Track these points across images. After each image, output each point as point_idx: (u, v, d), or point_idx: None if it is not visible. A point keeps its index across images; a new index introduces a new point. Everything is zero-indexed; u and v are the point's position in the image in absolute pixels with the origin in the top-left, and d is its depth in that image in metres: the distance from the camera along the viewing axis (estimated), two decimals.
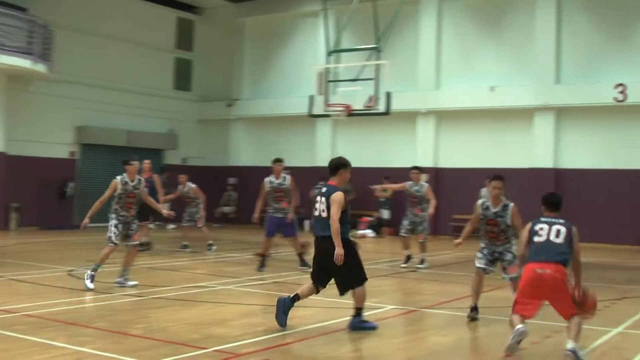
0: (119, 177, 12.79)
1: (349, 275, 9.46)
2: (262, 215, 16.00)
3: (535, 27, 26.55)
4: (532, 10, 26.68)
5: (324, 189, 9.65)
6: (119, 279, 12.83)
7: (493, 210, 10.66)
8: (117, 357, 7.65)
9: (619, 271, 17.69)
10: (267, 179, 15.83)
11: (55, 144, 28.03)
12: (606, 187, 25.26)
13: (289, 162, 30.75)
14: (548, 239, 8.60)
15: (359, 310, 9.49)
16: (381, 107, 21.55)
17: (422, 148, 28.31)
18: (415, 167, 17.70)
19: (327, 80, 22.88)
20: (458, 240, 11.12)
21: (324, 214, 9.44)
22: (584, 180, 25.48)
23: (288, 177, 15.95)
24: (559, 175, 25.85)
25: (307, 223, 29.51)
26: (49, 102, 27.50)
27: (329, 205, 9.37)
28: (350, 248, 9.46)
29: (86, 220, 12.87)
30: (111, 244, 12.70)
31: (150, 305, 11.10)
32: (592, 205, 25.43)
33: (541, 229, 8.75)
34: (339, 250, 9.13)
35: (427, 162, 27.66)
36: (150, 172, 18.85)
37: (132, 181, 12.87)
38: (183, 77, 33.51)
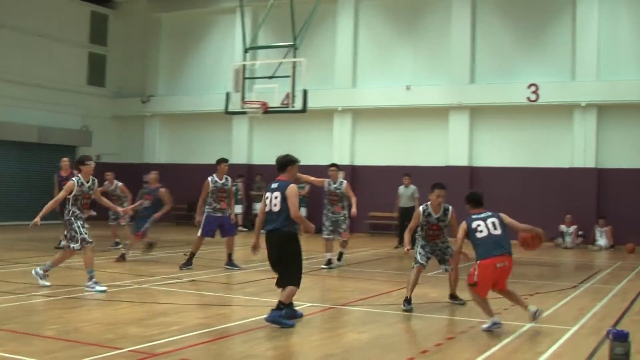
0: (74, 179, 12.35)
1: (293, 270, 9.69)
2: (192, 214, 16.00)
3: (451, 28, 26.94)
4: (447, 11, 27.06)
5: (275, 185, 9.82)
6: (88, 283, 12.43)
7: (435, 216, 11.68)
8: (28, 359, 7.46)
9: (530, 267, 18.05)
10: (210, 179, 15.73)
11: None
12: (519, 185, 25.82)
13: (206, 159, 30.65)
14: (490, 233, 9.91)
15: (282, 305, 9.53)
16: (298, 105, 21.54)
17: (339, 146, 28.44)
18: (333, 165, 17.48)
19: (244, 77, 22.76)
20: (408, 247, 11.62)
21: (276, 208, 9.59)
22: (498, 178, 25.99)
23: (229, 179, 16.05)
24: (473, 173, 26.31)
25: None
26: None
27: (283, 199, 9.55)
28: (298, 244, 9.72)
29: (37, 219, 12.40)
30: (88, 244, 12.23)
31: (64, 306, 10.86)
32: (505, 202, 25.81)
33: (479, 225, 10.02)
34: (308, 227, 9.89)
35: (343, 159, 27.80)
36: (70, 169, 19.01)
37: (88, 182, 12.48)
38: (97, 72, 32.90)
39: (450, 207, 11.63)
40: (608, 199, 24.74)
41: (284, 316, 9.53)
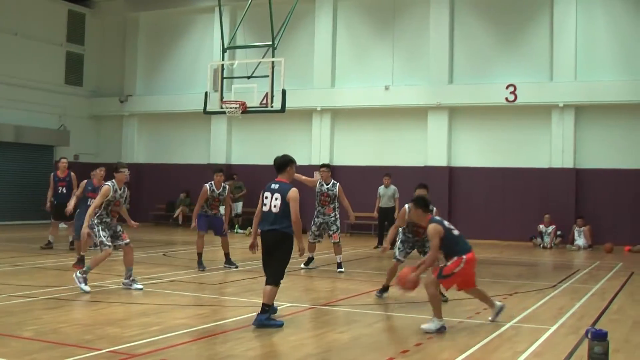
0: (109, 183, 12.40)
1: (277, 269, 9.75)
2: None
3: (429, 29, 27.02)
4: (425, 11, 27.13)
5: (275, 186, 9.83)
6: (125, 281, 12.64)
7: None
8: None
9: (508, 267, 18.15)
10: (208, 186, 15.91)
11: None
12: (497, 185, 25.95)
13: (184, 159, 30.61)
14: (459, 232, 9.96)
15: (266, 307, 9.57)
16: (277, 105, 21.48)
17: (318, 146, 28.43)
18: (325, 165, 17.14)
19: (222, 77, 22.68)
20: (385, 246, 12.23)
21: (275, 209, 9.65)
22: (476, 178, 26.14)
23: (227, 187, 16.29)
24: (452, 173, 26.39)
25: None
26: None
27: (284, 202, 9.61)
28: (291, 246, 9.78)
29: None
30: (105, 247, 12.23)
31: (41, 306, 10.77)
32: (484, 202, 26.11)
33: (449, 224, 9.95)
34: (302, 246, 9.83)
35: (322, 159, 27.75)
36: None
37: (121, 189, 12.50)
38: (74, 71, 32.69)
39: (434, 209, 11.44)
40: (586, 199, 24.90)
41: (270, 317, 9.61)
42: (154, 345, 8.29)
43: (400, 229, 12.25)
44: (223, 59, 23.34)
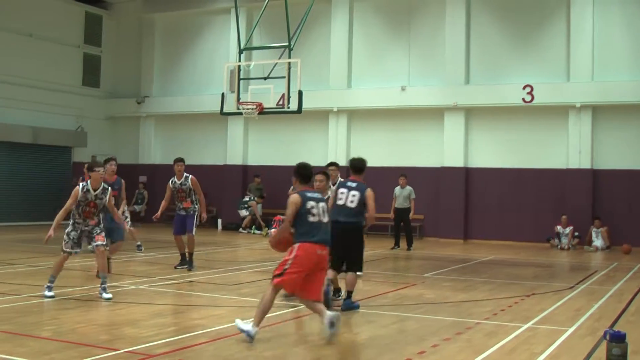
0: (81, 184, 11.75)
1: (360, 258, 11.26)
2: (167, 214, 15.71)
3: (445, 29, 26.94)
4: (441, 11, 27.06)
5: (352, 184, 11.32)
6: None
7: None
8: None
9: (525, 268, 18.09)
10: (170, 182, 15.63)
11: None
12: (514, 186, 25.85)
13: (201, 160, 30.63)
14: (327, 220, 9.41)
15: (350, 294, 11.07)
16: (293, 106, 21.50)
17: (334, 146, 28.40)
18: (332, 164, 16.40)
19: (239, 78, 22.72)
20: None
21: (352, 204, 11.11)
22: (493, 178, 26.05)
23: (190, 177, 15.61)
24: (468, 174, 26.31)
25: (219, 222, 29.53)
26: None
27: (361, 199, 11.13)
28: (362, 235, 11.40)
29: (51, 232, 11.49)
30: (63, 253, 11.76)
31: (58, 307, 10.82)
32: (500, 203, 26.02)
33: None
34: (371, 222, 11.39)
35: (339, 160, 27.39)
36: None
37: (96, 189, 11.87)
38: (91, 73, 32.83)
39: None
40: (603, 200, 24.76)
41: (352, 300, 11.07)
42: (171, 345, 8.32)
43: None
44: (239, 60, 23.39)
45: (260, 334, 8.80)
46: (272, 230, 25.68)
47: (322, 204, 9.29)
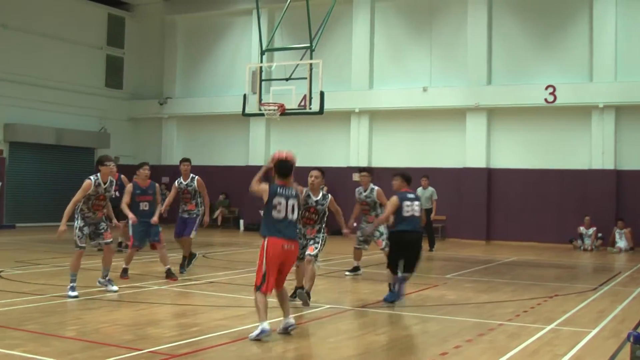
0: (92, 177, 11.86)
1: (417, 264, 11.92)
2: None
3: (467, 29, 26.87)
4: (463, 12, 27.00)
5: (412, 195, 12.02)
6: (101, 280, 12.43)
7: None
8: None
9: (548, 269, 18.01)
10: (176, 182, 15.44)
11: None
12: (536, 187, 25.73)
13: (223, 160, 30.72)
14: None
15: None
16: (315, 107, 21.52)
17: (356, 147, 28.41)
18: (364, 169, 16.00)
19: (261, 79, 22.77)
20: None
21: (417, 214, 11.82)
22: (515, 179, 25.95)
23: (196, 178, 15.45)
24: (491, 174, 26.22)
25: (241, 222, 29.61)
26: None
27: (420, 208, 11.99)
28: None
29: (63, 227, 11.64)
30: (77, 249, 11.89)
31: (82, 307, 10.90)
32: (522, 204, 25.91)
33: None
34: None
35: (361, 161, 27.86)
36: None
37: (105, 183, 12.06)
38: (114, 74, 33.03)
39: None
40: (627, 200, 24.60)
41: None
42: (193, 346, 8.36)
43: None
44: (261, 61, 23.45)
45: (282, 334, 8.84)
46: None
47: (291, 202, 9.38)
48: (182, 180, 15.41)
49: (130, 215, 13.66)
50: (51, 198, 29.52)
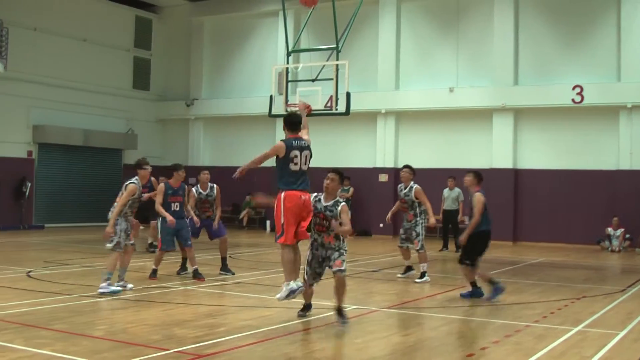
0: (135, 182, 12.28)
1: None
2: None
3: (493, 29, 26.76)
4: (490, 12, 26.89)
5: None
6: (120, 283, 12.50)
7: None
8: (77, 359, 7.57)
9: (575, 270, 17.90)
10: (194, 190, 15.35)
11: (12, 143, 27.74)
12: (564, 187, 25.58)
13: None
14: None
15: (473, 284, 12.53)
16: (341, 108, 21.52)
17: (383, 148, 28.38)
18: (406, 166, 15.75)
19: (287, 80, 22.80)
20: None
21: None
22: (542, 180, 25.81)
23: (215, 187, 15.52)
24: (518, 175, 26.09)
25: (268, 223, 29.67)
26: (5, 101, 27.23)
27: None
28: None
29: (111, 229, 11.96)
30: (119, 250, 12.20)
31: (110, 307, 11.00)
32: (549, 205, 25.76)
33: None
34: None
35: (387, 162, 27.86)
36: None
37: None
38: (141, 76, 33.24)
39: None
40: None
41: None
42: (220, 346, 8.40)
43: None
44: (287, 62, 23.48)
45: (310, 334, 8.87)
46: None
47: (304, 152, 9.87)
48: (200, 190, 15.35)
49: (169, 217, 13.79)
50: (79, 199, 29.85)
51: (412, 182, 15.30)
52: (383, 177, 28.08)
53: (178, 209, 14.21)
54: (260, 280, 14.57)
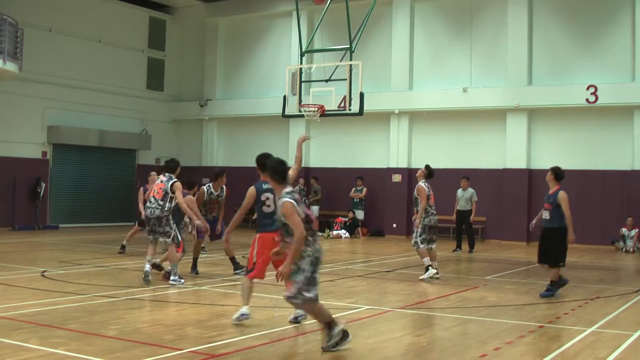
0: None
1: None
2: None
3: (507, 29, 26.67)
4: (503, 12, 26.81)
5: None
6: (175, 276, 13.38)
7: None
8: (92, 359, 7.61)
9: (589, 271, 17.84)
10: (205, 188, 15.45)
11: (27, 143, 27.85)
12: (577, 188, 25.40)
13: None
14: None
15: (552, 282, 13.01)
16: (355, 108, 21.55)
17: (396, 148, 28.35)
18: (426, 167, 16.23)
19: (301, 81, 22.85)
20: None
21: (547, 215, 14.01)
22: None
23: (225, 189, 15.70)
24: (532, 175, 26.01)
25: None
26: (19, 101, 27.35)
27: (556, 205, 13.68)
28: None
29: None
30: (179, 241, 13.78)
31: (124, 306, 11.03)
32: None
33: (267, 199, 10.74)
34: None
35: (401, 162, 27.84)
36: None
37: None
38: (156, 76, 33.34)
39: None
40: None
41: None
42: (233, 346, 8.43)
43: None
44: (301, 63, 23.52)
45: (323, 334, 8.86)
46: (334, 232, 25.90)
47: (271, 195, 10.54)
48: (212, 190, 15.53)
49: (202, 221, 14.22)
50: (94, 199, 29.98)
51: (421, 180, 15.85)
52: (396, 178, 28.05)
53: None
54: (273, 280, 14.55)
